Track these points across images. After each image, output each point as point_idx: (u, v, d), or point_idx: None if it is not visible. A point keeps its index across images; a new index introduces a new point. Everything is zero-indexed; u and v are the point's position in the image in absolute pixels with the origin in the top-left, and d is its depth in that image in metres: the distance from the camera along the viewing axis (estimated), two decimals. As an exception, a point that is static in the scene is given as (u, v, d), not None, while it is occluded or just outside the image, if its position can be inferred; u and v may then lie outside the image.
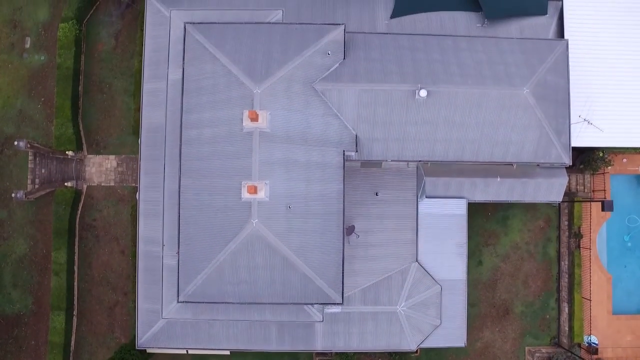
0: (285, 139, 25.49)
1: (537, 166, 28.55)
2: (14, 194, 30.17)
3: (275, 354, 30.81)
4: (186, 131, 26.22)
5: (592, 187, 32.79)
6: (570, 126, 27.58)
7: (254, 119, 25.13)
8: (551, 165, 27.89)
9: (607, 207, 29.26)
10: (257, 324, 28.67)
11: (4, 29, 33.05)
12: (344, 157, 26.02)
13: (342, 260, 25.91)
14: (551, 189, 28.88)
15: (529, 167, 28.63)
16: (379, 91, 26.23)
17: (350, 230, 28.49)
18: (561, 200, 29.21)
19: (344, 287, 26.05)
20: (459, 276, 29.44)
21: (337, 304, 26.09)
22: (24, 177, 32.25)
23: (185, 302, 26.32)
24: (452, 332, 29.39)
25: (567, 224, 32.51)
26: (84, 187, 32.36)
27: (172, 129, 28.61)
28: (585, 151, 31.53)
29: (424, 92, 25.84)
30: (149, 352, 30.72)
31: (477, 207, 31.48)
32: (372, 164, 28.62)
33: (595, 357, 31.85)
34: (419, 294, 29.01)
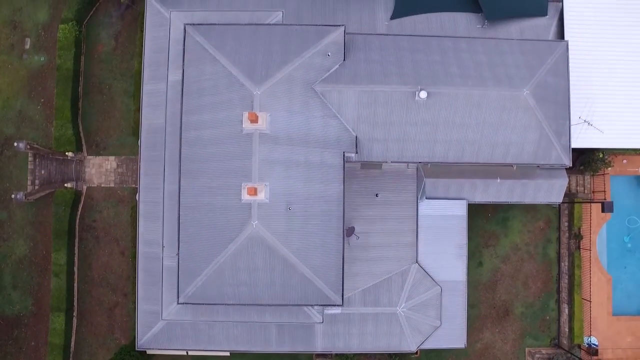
0: (285, 141, 25.46)
1: (537, 167, 28.53)
2: (13, 195, 30.15)
3: (275, 355, 30.78)
4: (186, 132, 26.21)
5: (592, 188, 32.78)
6: (570, 127, 27.55)
7: (254, 120, 25.10)
8: (551, 166, 27.86)
9: (607, 209, 29.26)
10: (257, 325, 28.66)
11: (4, 30, 33.02)
12: (344, 158, 26.01)
13: (342, 261, 25.91)
14: (551, 190, 28.87)
15: (529, 168, 28.61)
16: (379, 92, 26.21)
17: (350, 231, 28.47)
18: (561, 201, 29.20)
19: (344, 288, 26.05)
20: (459, 277, 29.43)
21: (337, 305, 26.09)
22: (24, 178, 32.24)
23: (185, 303, 26.32)
24: (452, 333, 29.37)
25: (567, 225, 32.49)
26: (84, 188, 32.35)
27: (172, 130, 28.58)
28: (585, 152, 31.52)
29: (424, 94, 25.82)
30: (149, 353, 30.76)
31: (477, 208, 31.46)
32: (372, 165, 28.60)
33: (595, 358, 31.82)
34: (419, 295, 29.00)
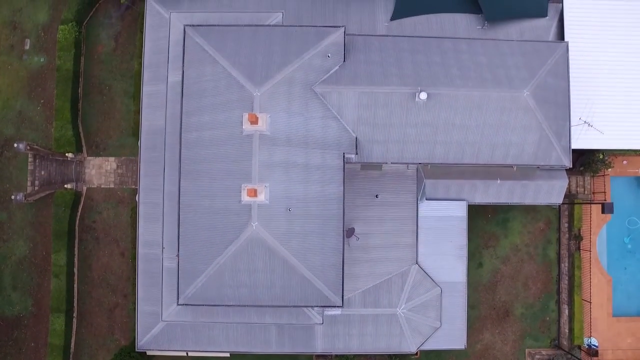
0: (285, 142, 25.45)
1: (537, 168, 28.53)
2: (13, 196, 30.12)
3: (275, 356, 30.75)
4: (186, 134, 26.19)
5: (592, 189, 32.77)
6: (570, 128, 27.54)
7: (254, 121, 25.08)
8: (551, 167, 27.84)
9: (607, 210, 29.29)
10: (257, 327, 28.64)
11: (4, 31, 32.99)
12: (344, 159, 25.97)
13: (342, 262, 25.88)
14: (551, 191, 28.87)
15: (529, 169, 28.60)
16: (379, 93, 26.19)
17: (350, 232, 28.45)
18: (561, 202, 29.20)
19: (344, 289, 26.02)
20: (459, 278, 29.42)
21: (337, 306, 26.08)
22: (24, 179, 32.23)
23: (185, 304, 26.31)
24: (452, 334, 29.37)
25: (567, 226, 32.48)
26: (84, 189, 32.34)
27: (171, 131, 28.55)
28: (585, 153, 31.50)
29: (424, 95, 25.79)
30: (149, 354, 30.78)
31: (477, 209, 31.44)
32: (372, 166, 28.59)
33: (595, 359, 31.82)
34: (419, 296, 28.99)
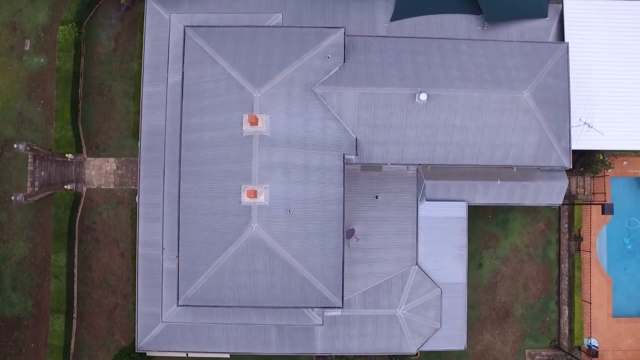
0: (285, 143, 25.44)
1: (538, 169, 28.52)
2: (13, 197, 30.08)
3: (275, 357, 30.74)
4: (186, 135, 26.18)
5: (592, 189, 32.75)
6: (570, 129, 27.56)
7: (254, 122, 25.08)
8: (551, 168, 27.85)
9: (607, 210, 29.25)
10: (257, 328, 28.63)
11: (4, 31, 32.97)
12: (344, 160, 25.97)
13: (342, 263, 25.88)
14: (551, 192, 28.86)
15: (529, 170, 28.58)
16: (379, 94, 26.18)
17: (350, 233, 28.45)
18: (561, 203, 29.19)
19: (344, 290, 26.02)
20: (459, 279, 29.41)
21: (337, 307, 26.08)
22: (24, 179, 32.21)
23: (185, 305, 26.33)
24: (452, 335, 29.36)
25: (567, 226, 32.47)
26: (84, 189, 32.33)
27: (171, 132, 28.53)
28: (585, 154, 31.49)
29: (424, 96, 25.78)
30: (149, 355, 30.78)
31: (477, 210, 31.44)
32: (372, 167, 28.58)
33: (595, 360, 31.90)
34: (419, 297, 28.98)
